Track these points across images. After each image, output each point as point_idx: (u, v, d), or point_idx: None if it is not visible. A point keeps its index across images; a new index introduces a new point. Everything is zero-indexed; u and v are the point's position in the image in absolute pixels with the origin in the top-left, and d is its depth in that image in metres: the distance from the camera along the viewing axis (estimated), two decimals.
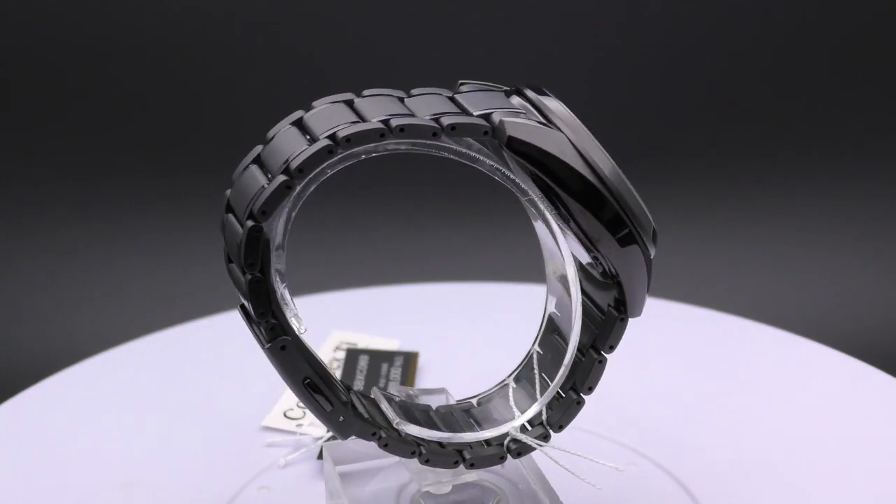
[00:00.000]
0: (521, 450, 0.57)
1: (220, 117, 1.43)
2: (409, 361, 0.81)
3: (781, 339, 0.86)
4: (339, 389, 0.56)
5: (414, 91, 0.53)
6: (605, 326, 0.54)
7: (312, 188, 0.51)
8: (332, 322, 0.89)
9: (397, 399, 0.61)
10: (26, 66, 1.41)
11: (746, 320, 0.90)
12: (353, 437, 0.56)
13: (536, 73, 1.43)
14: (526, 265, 1.29)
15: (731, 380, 0.80)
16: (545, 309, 0.58)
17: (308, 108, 0.52)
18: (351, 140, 0.48)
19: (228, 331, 0.82)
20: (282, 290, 0.53)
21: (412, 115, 0.50)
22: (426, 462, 0.57)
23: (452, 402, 0.62)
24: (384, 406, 0.59)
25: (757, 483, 0.68)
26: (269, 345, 0.52)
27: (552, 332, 0.58)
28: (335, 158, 0.49)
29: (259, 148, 0.52)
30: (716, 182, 1.48)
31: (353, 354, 0.82)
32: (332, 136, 0.48)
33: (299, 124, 0.51)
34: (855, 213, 1.46)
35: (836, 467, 0.69)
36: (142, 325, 1.03)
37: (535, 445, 0.57)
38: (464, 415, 0.60)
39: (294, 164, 0.48)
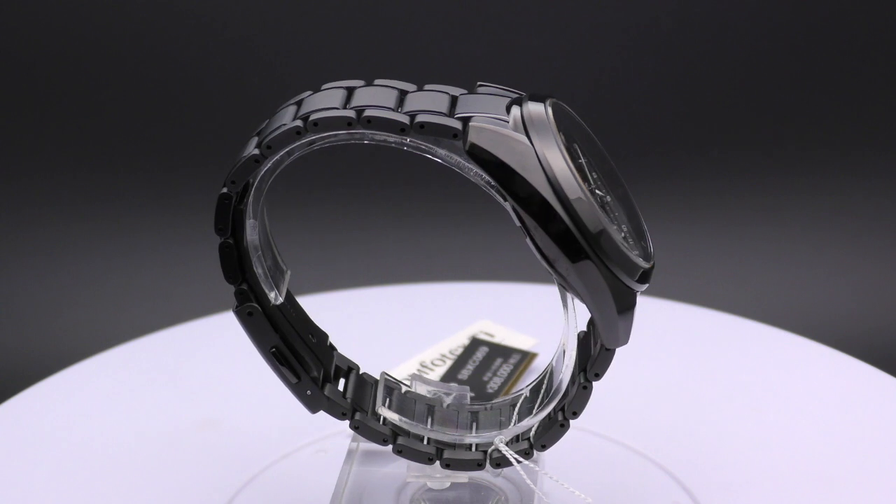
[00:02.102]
0: (500, 461, 0.57)
1: (222, 116, 1.43)
2: (522, 361, 0.80)
3: (781, 339, 0.86)
4: (310, 364, 0.58)
5: (427, 86, 0.53)
6: (595, 353, 0.54)
7: (287, 162, 0.52)
8: (484, 311, 0.89)
9: (405, 389, 0.61)
10: (25, 65, 1.41)
11: (746, 320, 0.90)
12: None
13: (537, 72, 1.43)
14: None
15: (731, 380, 0.80)
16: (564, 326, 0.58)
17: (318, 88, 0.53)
18: (318, 125, 0.50)
19: None
20: (256, 260, 0.55)
21: (391, 109, 0.50)
22: (399, 452, 0.58)
23: (466, 402, 0.62)
24: (380, 390, 0.60)
25: (757, 483, 0.68)
26: (236, 308, 0.55)
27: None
28: (306, 140, 0.50)
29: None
30: (716, 181, 1.48)
31: (474, 344, 0.82)
32: (305, 119, 0.50)
33: (300, 102, 0.52)
34: (856, 212, 1.46)
35: (837, 467, 0.69)
36: (152, 322, 1.03)
37: (512, 460, 0.57)
38: (469, 416, 0.60)
39: (265, 141, 0.50)
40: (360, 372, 0.62)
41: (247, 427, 0.75)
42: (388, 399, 0.59)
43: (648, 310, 0.89)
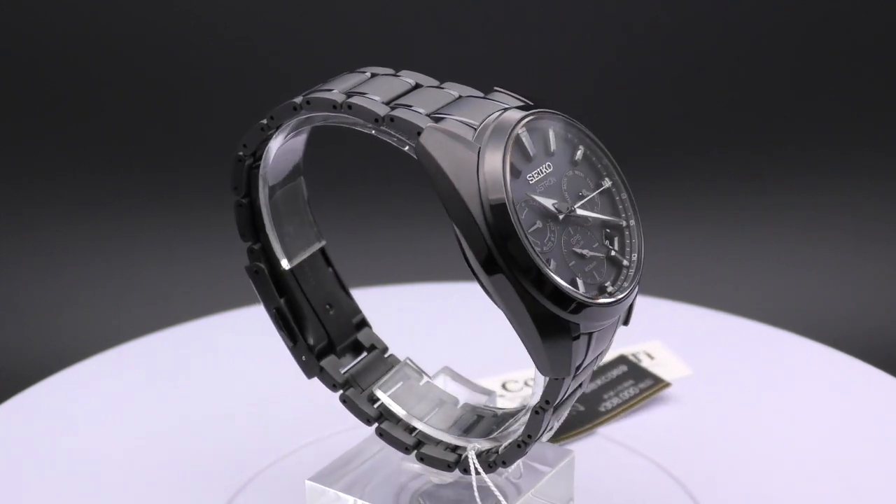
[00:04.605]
0: (466, 467, 0.57)
1: (223, 116, 1.43)
2: (651, 387, 0.76)
3: (782, 339, 0.86)
4: (310, 332, 0.60)
5: (444, 84, 0.53)
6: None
7: (291, 135, 0.55)
8: (658, 331, 0.85)
9: (425, 380, 0.61)
10: (25, 65, 1.41)
11: (746, 320, 0.90)
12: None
13: (536, 73, 1.43)
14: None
15: (730, 379, 0.80)
16: None
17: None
18: (310, 103, 0.52)
19: None
20: (268, 224, 0.58)
21: (379, 101, 0.51)
22: (380, 436, 0.59)
23: (481, 404, 0.62)
24: (390, 374, 0.60)
25: (757, 483, 0.68)
26: (246, 265, 0.59)
27: None
28: (303, 116, 0.53)
29: None
30: (716, 181, 1.47)
31: (617, 361, 0.79)
32: (305, 95, 0.52)
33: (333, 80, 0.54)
34: (856, 212, 1.46)
35: (838, 468, 0.69)
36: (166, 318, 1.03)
37: (472, 470, 0.57)
38: (474, 419, 0.60)
39: (271, 112, 0.53)
40: (387, 354, 0.63)
41: (247, 426, 0.75)
42: (397, 384, 0.60)
43: (648, 310, 0.89)
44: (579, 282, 0.49)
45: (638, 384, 0.77)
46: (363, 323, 0.63)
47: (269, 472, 0.69)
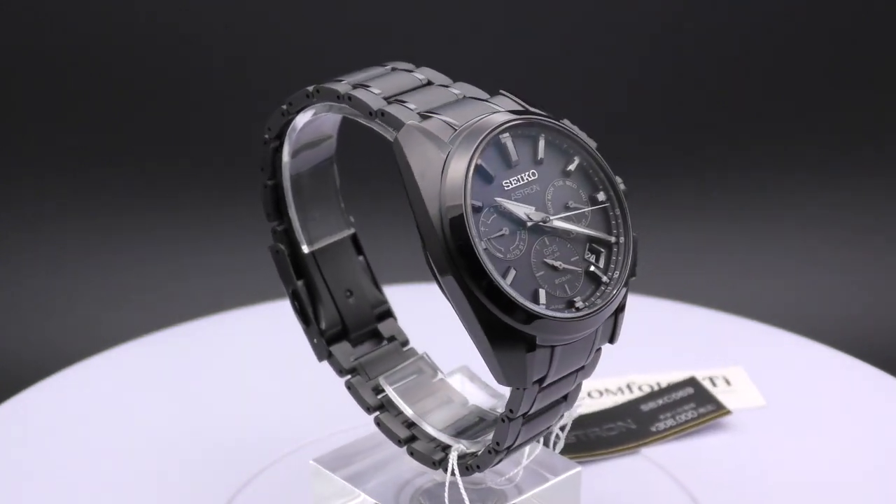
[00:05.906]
0: (446, 466, 0.57)
1: (224, 115, 1.43)
2: (710, 413, 0.73)
3: (782, 339, 0.86)
4: (321, 317, 0.61)
5: (453, 83, 0.53)
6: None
7: (306, 121, 0.56)
8: (745, 356, 0.82)
9: (439, 377, 0.61)
10: (25, 63, 1.42)
11: (746, 320, 0.89)
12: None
13: (536, 73, 1.43)
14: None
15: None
16: None
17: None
18: (320, 92, 0.53)
19: None
20: (292, 208, 0.59)
21: (379, 96, 0.51)
22: (378, 425, 0.60)
23: (489, 407, 0.61)
24: (401, 366, 0.61)
25: (757, 483, 0.68)
26: (269, 245, 0.60)
27: None
28: (316, 104, 0.54)
29: None
30: (716, 181, 1.47)
31: (686, 383, 0.76)
32: (318, 84, 0.53)
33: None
34: (857, 212, 1.46)
35: (839, 468, 0.69)
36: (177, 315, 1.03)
37: (448, 471, 0.57)
38: (473, 421, 0.60)
39: (289, 97, 0.55)
40: (405, 348, 0.63)
41: (248, 426, 0.75)
42: (408, 378, 0.60)
43: (648, 310, 0.89)
44: (542, 293, 0.49)
45: (698, 408, 0.74)
46: (387, 314, 0.63)
47: (269, 472, 0.69)
